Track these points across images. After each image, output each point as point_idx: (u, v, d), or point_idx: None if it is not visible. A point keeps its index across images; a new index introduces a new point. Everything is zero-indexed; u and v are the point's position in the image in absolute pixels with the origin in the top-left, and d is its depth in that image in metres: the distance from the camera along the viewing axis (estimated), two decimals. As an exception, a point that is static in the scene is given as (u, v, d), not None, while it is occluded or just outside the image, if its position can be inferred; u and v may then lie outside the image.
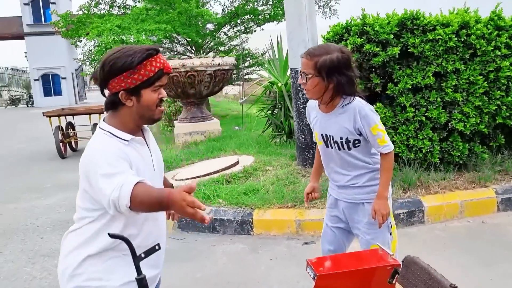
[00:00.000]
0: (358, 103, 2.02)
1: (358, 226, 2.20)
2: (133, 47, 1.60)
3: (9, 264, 3.59)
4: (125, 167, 1.45)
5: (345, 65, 1.97)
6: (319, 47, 2.00)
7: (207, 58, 7.00)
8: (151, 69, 1.54)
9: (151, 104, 1.59)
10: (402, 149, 4.24)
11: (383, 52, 4.08)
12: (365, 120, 2.01)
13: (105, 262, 1.58)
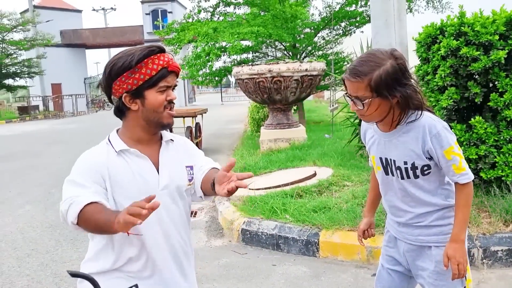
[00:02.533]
0: (428, 119, 1.63)
1: (422, 275, 1.77)
2: (136, 47, 1.46)
3: (79, 261, 3.73)
4: (91, 182, 1.38)
5: (403, 73, 1.58)
6: (367, 60, 1.58)
7: (294, 63, 6.77)
8: (153, 67, 1.41)
9: (157, 106, 1.44)
10: (507, 172, 3.53)
11: (484, 57, 3.43)
12: (437, 140, 1.61)
13: (108, 281, 1.47)
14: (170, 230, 1.53)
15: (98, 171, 1.42)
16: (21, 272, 3.58)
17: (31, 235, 4.48)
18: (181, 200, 1.57)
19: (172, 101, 1.49)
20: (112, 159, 1.45)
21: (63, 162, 9.01)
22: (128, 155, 1.46)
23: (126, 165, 1.45)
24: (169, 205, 1.52)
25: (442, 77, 3.70)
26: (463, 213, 1.66)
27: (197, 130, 8.94)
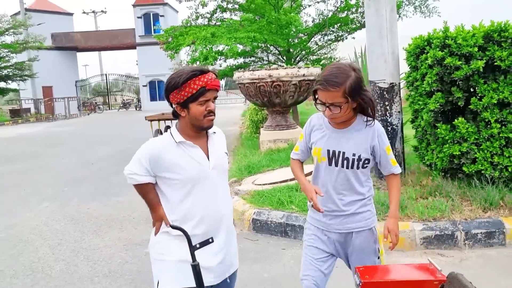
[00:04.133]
0: (377, 123, 2.06)
1: (349, 258, 2.16)
2: (185, 69, 1.97)
3: (107, 249, 4.16)
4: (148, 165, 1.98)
5: (361, 82, 1.95)
6: (338, 73, 1.91)
7: (292, 68, 7.25)
8: (194, 87, 1.91)
9: (198, 115, 1.96)
10: (486, 166, 4.06)
11: (466, 66, 3.95)
12: (381, 139, 2.03)
13: (167, 242, 1.98)
14: (221, 201, 2.07)
15: (154, 156, 1.97)
16: (56, 258, 3.98)
17: (56, 227, 4.87)
18: (224, 178, 2.13)
19: (212, 111, 1.99)
20: (172, 147, 1.98)
21: (68, 163, 9.36)
22: (184, 145, 1.98)
23: (183, 152, 1.98)
24: (217, 180, 2.06)
25: (429, 83, 4.21)
26: (398, 196, 2.08)
27: None
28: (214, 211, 2.05)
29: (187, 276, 1.86)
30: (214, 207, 2.05)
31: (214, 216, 2.05)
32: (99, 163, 9.18)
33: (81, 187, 6.90)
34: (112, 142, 12.75)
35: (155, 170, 1.99)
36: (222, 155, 2.16)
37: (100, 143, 12.64)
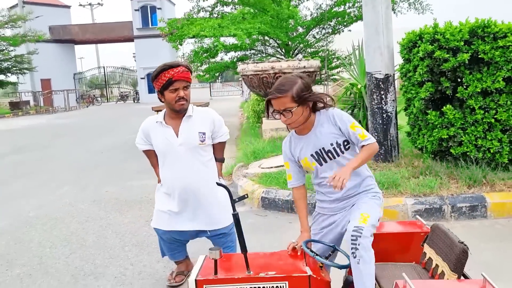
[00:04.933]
0: (331, 110, 2.19)
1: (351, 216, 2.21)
2: (159, 66, 2.75)
3: (132, 224, 4.61)
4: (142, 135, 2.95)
5: (308, 87, 2.15)
6: (285, 82, 2.13)
7: (293, 61, 7.69)
8: (164, 79, 2.68)
9: (171, 101, 2.72)
10: (470, 148, 4.54)
11: (453, 58, 4.42)
12: (341, 120, 2.15)
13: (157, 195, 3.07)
14: (187, 171, 2.83)
15: (144, 131, 2.92)
16: (87, 232, 4.43)
17: (81, 207, 5.32)
18: (195, 153, 2.84)
19: (182, 97, 2.71)
20: (154, 125, 2.87)
21: (78, 153, 9.78)
22: (160, 125, 2.82)
23: (159, 129, 2.83)
24: (185, 156, 2.81)
25: (421, 74, 4.67)
26: (363, 155, 2.10)
27: None
28: (180, 179, 2.84)
29: (162, 222, 2.97)
30: (180, 176, 2.83)
31: (181, 183, 2.83)
32: (107, 152, 9.61)
33: (95, 173, 7.34)
34: (115, 133, 13.15)
35: (149, 141, 2.91)
36: (194, 134, 2.82)
37: (104, 134, 13.04)
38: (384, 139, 5.19)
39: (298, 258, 2.16)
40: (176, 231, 2.97)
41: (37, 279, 3.40)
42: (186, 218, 2.93)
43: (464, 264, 2.01)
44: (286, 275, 1.98)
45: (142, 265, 3.58)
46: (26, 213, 5.19)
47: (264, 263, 2.12)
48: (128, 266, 3.58)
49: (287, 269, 2.03)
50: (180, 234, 2.99)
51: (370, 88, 5.24)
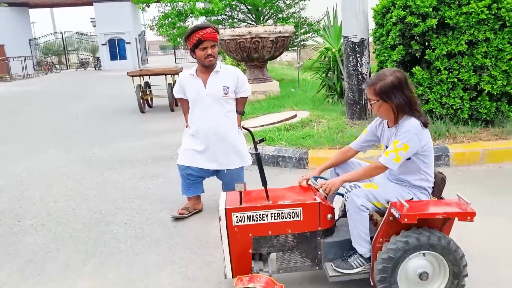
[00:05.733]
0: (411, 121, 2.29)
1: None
2: (191, 27, 3.28)
3: (127, 181, 4.88)
4: (179, 86, 3.53)
5: (401, 85, 2.30)
6: (378, 75, 2.36)
7: (269, 26, 7.95)
8: (194, 39, 3.19)
9: (201, 57, 3.27)
10: (436, 105, 5.07)
11: (422, 23, 4.86)
12: (401, 133, 2.29)
13: (184, 137, 3.65)
14: (210, 117, 3.40)
15: (181, 82, 3.50)
16: (87, 188, 4.67)
17: (73, 168, 5.50)
18: (218, 103, 3.39)
19: (210, 55, 3.24)
20: (188, 77, 3.44)
21: (51, 119, 9.73)
22: (192, 77, 3.36)
23: (191, 81, 3.37)
24: (210, 105, 3.36)
25: (393, 38, 5.10)
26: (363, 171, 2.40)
27: (172, 87, 9.94)
28: (206, 125, 3.41)
29: (186, 158, 3.55)
30: (205, 121, 3.41)
31: (204, 127, 3.41)
32: (82, 117, 9.62)
33: (77, 138, 7.44)
34: (85, 100, 13.02)
35: (183, 90, 3.47)
36: (219, 87, 3.36)
37: (74, 101, 12.86)
38: (359, 98, 5.65)
39: (308, 191, 2.57)
40: (196, 168, 3.59)
41: (51, 228, 3.67)
42: (206, 159, 3.55)
43: (442, 189, 2.49)
44: (300, 202, 2.38)
45: (147, 213, 3.90)
46: (19, 174, 5.33)
47: (280, 194, 2.51)
48: (134, 214, 3.89)
49: (301, 198, 2.44)
50: (199, 171, 3.60)
51: (347, 51, 5.64)
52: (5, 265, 3.08)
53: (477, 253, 2.85)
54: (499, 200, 3.80)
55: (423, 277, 2.24)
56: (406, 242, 2.19)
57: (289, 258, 2.49)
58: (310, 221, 2.40)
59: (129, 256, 3.12)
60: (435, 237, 2.20)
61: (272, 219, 2.38)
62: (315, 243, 2.45)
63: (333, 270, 2.39)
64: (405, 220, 2.13)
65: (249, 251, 2.42)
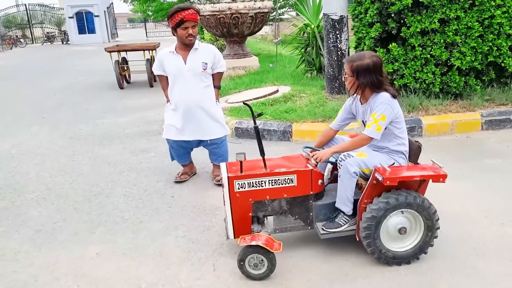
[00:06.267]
0: (384, 95, 2.60)
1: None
2: (174, 8, 3.50)
3: (119, 155, 5.04)
4: (158, 63, 3.73)
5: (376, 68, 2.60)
6: (358, 55, 2.66)
7: (249, 2, 8.06)
8: (176, 19, 3.42)
9: (182, 36, 3.52)
10: (410, 80, 5.41)
11: (399, 2, 5.13)
12: (376, 106, 2.58)
13: (166, 112, 3.89)
14: (191, 91, 3.66)
15: (160, 59, 3.70)
16: (79, 163, 4.81)
17: (62, 144, 5.59)
18: (197, 78, 3.65)
19: (191, 34, 3.50)
20: (168, 55, 3.65)
21: (29, 95, 9.60)
22: (172, 54, 3.58)
23: (171, 58, 3.60)
24: (190, 80, 3.60)
25: (371, 15, 5.37)
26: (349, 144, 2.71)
27: (151, 62, 9.92)
28: (186, 99, 3.67)
29: (172, 133, 3.82)
30: (186, 97, 3.65)
31: (185, 100, 3.67)
32: (60, 94, 9.52)
33: (59, 114, 7.44)
34: (59, 75, 12.78)
35: (162, 67, 3.68)
36: (198, 63, 3.62)
37: (47, 77, 12.61)
38: (338, 73, 5.93)
39: (301, 159, 2.85)
40: (182, 141, 3.88)
41: (52, 201, 3.84)
42: (190, 131, 3.82)
43: (419, 156, 2.82)
44: (294, 170, 2.67)
45: (144, 185, 4.12)
46: (8, 151, 5.39)
47: (277, 163, 2.79)
48: (131, 186, 4.10)
49: (295, 166, 2.72)
50: (186, 143, 3.90)
51: (327, 28, 5.87)
52: (15, 236, 3.26)
53: (448, 212, 3.24)
54: (466, 166, 4.21)
55: (402, 231, 2.57)
56: (387, 202, 2.50)
57: (284, 219, 2.79)
58: (303, 186, 2.70)
59: (133, 223, 3.35)
60: (412, 197, 2.52)
61: (270, 185, 2.66)
62: (308, 205, 2.75)
63: (323, 230, 2.70)
64: (387, 182, 2.42)
65: (249, 214, 2.71)
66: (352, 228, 2.70)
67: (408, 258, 2.64)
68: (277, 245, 2.52)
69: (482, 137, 5.09)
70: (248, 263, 2.54)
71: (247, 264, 2.54)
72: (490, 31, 5.25)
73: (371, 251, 2.61)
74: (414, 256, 2.64)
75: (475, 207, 3.36)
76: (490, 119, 5.24)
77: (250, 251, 2.52)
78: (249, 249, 2.52)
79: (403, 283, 2.48)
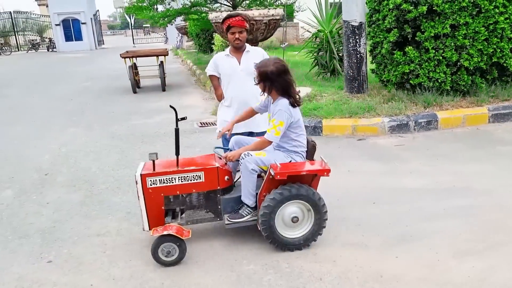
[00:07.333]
0: (282, 101, 2.93)
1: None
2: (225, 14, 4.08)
3: (166, 151, 5.40)
4: (213, 64, 4.01)
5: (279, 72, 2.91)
6: (263, 62, 3.01)
7: (263, 9, 8.60)
8: (225, 25, 3.88)
9: (230, 40, 3.90)
10: (424, 79, 6.04)
11: (415, 10, 5.76)
12: (276, 110, 2.91)
13: (219, 109, 4.22)
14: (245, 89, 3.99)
15: (215, 62, 4.00)
16: (133, 158, 5.20)
17: (106, 143, 5.96)
18: (250, 77, 3.93)
19: (237, 39, 3.87)
20: (223, 57, 3.97)
21: (45, 101, 9.84)
22: (227, 56, 3.98)
23: (227, 60, 3.97)
24: (245, 78, 3.95)
25: (389, 22, 5.98)
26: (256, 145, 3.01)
27: (163, 67, 10.36)
28: (240, 96, 4.03)
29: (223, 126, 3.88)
30: (240, 94, 4.02)
31: (239, 99, 4.03)
32: (77, 99, 9.81)
33: (87, 117, 7.77)
34: (63, 82, 13.01)
35: (217, 69, 4.00)
36: (250, 63, 3.99)
37: (51, 83, 12.73)
38: (358, 74, 6.52)
39: (211, 158, 3.17)
40: (234, 133, 4.23)
41: (126, 189, 4.24)
42: (240, 124, 4.18)
43: (314, 153, 3.21)
44: (202, 167, 3.00)
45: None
46: (58, 150, 5.74)
47: (188, 162, 3.11)
48: (193, 176, 4.55)
49: (203, 164, 3.06)
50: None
51: (347, 33, 6.46)
52: (110, 217, 3.68)
53: (479, 189, 3.83)
54: (483, 152, 4.83)
55: (295, 220, 2.92)
56: (281, 193, 2.85)
57: (195, 212, 3.11)
58: (211, 182, 3.02)
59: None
60: (303, 190, 2.87)
61: (180, 181, 2.99)
62: (216, 199, 3.07)
63: (228, 220, 3.01)
64: (278, 177, 2.77)
65: (162, 208, 3.03)
66: (254, 219, 3.00)
67: (300, 245, 2.96)
68: (187, 233, 2.84)
69: (490, 128, 5.74)
70: (161, 252, 2.82)
71: (160, 252, 2.82)
72: (494, 35, 5.92)
73: (267, 237, 2.91)
74: (305, 243, 2.97)
75: (503, 185, 3.96)
76: (496, 113, 5.91)
77: (162, 240, 2.80)
78: (162, 239, 2.80)
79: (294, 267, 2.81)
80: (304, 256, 2.95)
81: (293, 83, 3.00)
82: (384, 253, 2.95)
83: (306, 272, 2.77)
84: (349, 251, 2.99)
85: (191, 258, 2.96)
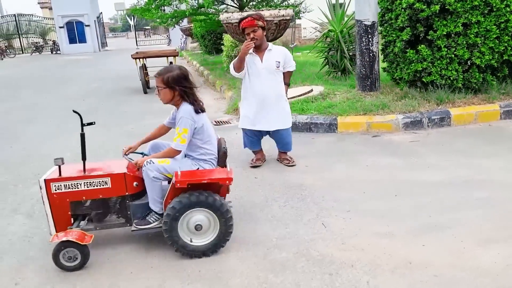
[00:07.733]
0: (185, 107, 2.97)
1: None
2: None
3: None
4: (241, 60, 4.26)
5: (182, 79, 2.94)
6: (165, 69, 2.99)
7: (274, 10, 8.71)
8: (240, 27, 4.17)
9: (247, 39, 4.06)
10: (437, 77, 6.15)
11: (427, 9, 5.88)
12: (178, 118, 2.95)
13: (241, 104, 4.49)
14: (265, 86, 4.31)
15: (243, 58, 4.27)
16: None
17: (127, 141, 6.07)
18: (272, 75, 4.32)
19: (252, 37, 4.12)
20: (248, 55, 4.26)
21: (57, 100, 9.96)
22: (251, 55, 4.20)
23: (251, 58, 4.20)
24: (266, 76, 4.27)
25: (402, 21, 6.10)
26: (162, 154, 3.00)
27: None
28: (260, 92, 4.32)
29: (247, 123, 4.49)
30: (260, 90, 4.31)
31: (261, 93, 4.31)
32: (88, 99, 9.93)
33: (101, 117, 7.85)
34: (72, 83, 13.13)
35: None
36: (272, 61, 4.29)
37: (60, 85, 12.85)
38: (370, 73, 6.64)
39: (122, 164, 3.07)
40: (255, 130, 4.55)
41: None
42: (262, 122, 4.48)
43: (225, 160, 3.17)
44: (108, 173, 2.94)
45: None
46: (78, 148, 5.83)
47: (97, 167, 3.06)
48: (215, 172, 4.67)
49: (111, 170, 3.00)
50: (259, 132, 4.57)
51: (360, 32, 6.57)
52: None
53: (506, 181, 3.94)
54: (499, 147, 4.93)
55: (198, 228, 2.86)
56: (180, 202, 2.79)
57: (104, 217, 3.10)
58: (118, 188, 2.96)
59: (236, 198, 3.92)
60: (203, 197, 2.79)
61: (86, 187, 2.93)
62: (124, 205, 3.02)
63: (134, 227, 2.97)
64: (178, 185, 2.74)
65: (68, 213, 2.97)
66: (161, 225, 2.90)
67: (208, 251, 2.90)
68: (88, 238, 2.80)
69: (502, 125, 5.85)
70: (62, 257, 2.78)
71: (61, 257, 2.78)
72: (506, 33, 6.03)
73: (171, 244, 2.86)
74: (212, 250, 2.91)
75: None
76: (507, 109, 6.02)
77: (63, 246, 2.77)
78: (63, 244, 2.76)
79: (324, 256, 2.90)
80: (332, 244, 3.06)
81: (195, 90, 3.02)
82: (411, 242, 3.06)
83: (337, 259, 2.88)
84: (376, 240, 3.10)
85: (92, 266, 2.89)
